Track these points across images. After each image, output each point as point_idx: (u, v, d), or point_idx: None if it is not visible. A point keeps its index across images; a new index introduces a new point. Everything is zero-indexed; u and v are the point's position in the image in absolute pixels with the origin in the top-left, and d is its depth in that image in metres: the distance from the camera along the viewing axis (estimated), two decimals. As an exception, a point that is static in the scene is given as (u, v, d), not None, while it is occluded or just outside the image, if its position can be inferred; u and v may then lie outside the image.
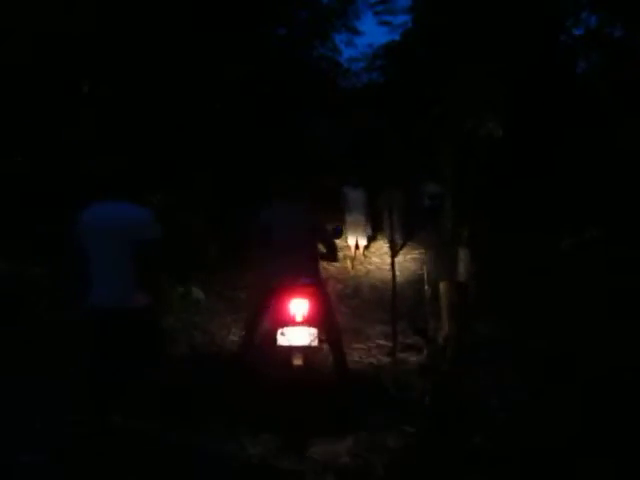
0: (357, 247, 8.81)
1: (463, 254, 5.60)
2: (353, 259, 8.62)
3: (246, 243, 4.03)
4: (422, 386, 4.16)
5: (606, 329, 4.57)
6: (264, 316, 3.79)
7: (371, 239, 9.22)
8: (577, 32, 6.66)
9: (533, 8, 6.20)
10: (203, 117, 7.99)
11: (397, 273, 5.38)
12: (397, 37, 12.33)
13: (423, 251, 9.77)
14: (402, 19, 15.51)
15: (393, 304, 4.57)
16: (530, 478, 3.03)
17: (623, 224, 5.48)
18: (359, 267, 8.53)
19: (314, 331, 3.53)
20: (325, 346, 3.83)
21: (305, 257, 3.76)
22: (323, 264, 4.15)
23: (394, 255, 5.48)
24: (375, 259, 8.84)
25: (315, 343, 3.53)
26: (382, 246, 9.01)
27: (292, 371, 3.44)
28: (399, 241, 8.94)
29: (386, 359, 4.95)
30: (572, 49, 6.97)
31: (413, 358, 4.87)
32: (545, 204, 7.26)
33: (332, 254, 4.05)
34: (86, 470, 2.80)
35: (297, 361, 3.45)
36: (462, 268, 5.31)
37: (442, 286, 5.28)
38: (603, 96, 5.71)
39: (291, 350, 3.48)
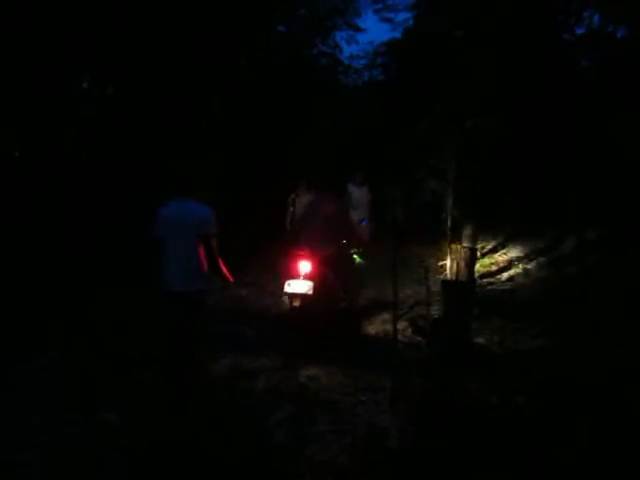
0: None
1: (464, 252, 5.60)
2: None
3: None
4: (421, 385, 4.17)
5: (609, 330, 4.57)
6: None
7: (373, 236, 9.21)
8: (579, 31, 6.66)
9: (536, 7, 6.19)
10: (210, 117, 8.17)
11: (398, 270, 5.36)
12: (398, 34, 12.31)
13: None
14: (403, 16, 15.51)
15: (395, 302, 4.57)
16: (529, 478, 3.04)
17: (626, 224, 5.46)
18: (360, 264, 8.51)
19: (310, 284, 4.92)
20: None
21: (322, 234, 5.18)
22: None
23: (397, 252, 5.48)
24: (377, 256, 8.82)
25: (310, 292, 4.88)
26: (384, 243, 8.99)
27: (292, 310, 4.93)
28: (401, 238, 8.95)
29: (386, 358, 4.94)
30: (574, 47, 6.95)
31: (413, 357, 4.86)
32: (547, 203, 7.25)
33: (353, 236, 5.57)
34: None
35: (296, 303, 4.91)
36: (463, 267, 5.31)
37: (442, 284, 5.29)
38: (603, 94, 5.70)
39: (293, 295, 4.91)
